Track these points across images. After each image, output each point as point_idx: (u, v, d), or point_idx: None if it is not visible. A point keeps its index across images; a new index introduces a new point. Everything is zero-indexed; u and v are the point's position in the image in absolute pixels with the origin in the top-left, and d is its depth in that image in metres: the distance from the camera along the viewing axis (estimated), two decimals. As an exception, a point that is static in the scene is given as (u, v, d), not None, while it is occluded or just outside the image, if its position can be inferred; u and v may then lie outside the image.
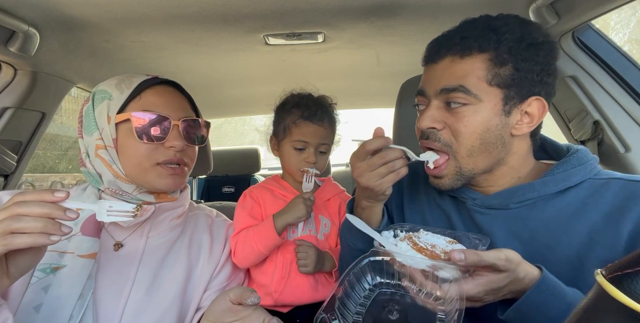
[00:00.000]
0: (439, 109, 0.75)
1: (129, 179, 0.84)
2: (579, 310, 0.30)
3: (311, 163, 1.09)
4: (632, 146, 1.12)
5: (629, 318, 0.25)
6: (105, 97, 0.84)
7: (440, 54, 0.74)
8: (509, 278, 0.60)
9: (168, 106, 0.86)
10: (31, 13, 1.03)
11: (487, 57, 0.70)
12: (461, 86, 0.71)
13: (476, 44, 0.71)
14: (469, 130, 0.72)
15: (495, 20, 0.73)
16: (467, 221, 0.81)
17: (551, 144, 0.84)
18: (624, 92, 1.15)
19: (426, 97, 0.77)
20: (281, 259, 1.07)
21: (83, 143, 0.86)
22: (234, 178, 3.01)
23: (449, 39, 0.74)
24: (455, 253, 0.58)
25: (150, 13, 1.06)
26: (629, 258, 0.28)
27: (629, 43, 2.09)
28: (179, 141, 0.85)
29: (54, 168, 3.25)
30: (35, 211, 0.58)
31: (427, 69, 0.79)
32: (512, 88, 0.71)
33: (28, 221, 0.57)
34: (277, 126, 1.16)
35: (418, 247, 0.64)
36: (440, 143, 0.75)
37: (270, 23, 1.19)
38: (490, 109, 0.71)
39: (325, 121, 1.11)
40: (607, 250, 0.66)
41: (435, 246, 0.64)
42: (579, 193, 0.72)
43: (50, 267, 0.76)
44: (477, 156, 0.74)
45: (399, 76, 1.53)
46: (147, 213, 0.86)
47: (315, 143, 1.10)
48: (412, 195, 0.94)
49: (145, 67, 1.56)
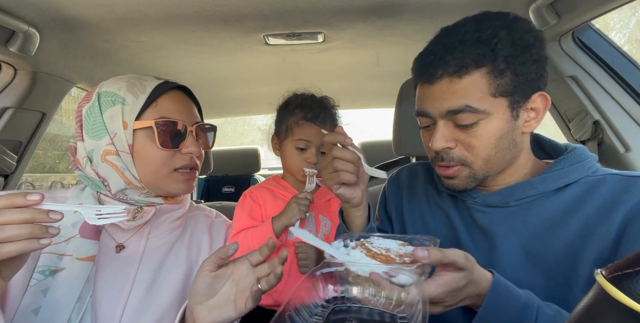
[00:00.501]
0: (448, 127, 0.73)
1: (142, 185, 0.83)
2: (579, 310, 0.30)
3: (312, 163, 1.10)
4: (632, 146, 1.12)
5: (629, 318, 0.25)
6: (118, 101, 0.82)
7: (436, 75, 0.71)
8: (467, 279, 0.59)
9: (182, 111, 0.87)
10: (31, 13, 1.03)
11: (485, 71, 0.69)
12: (467, 106, 0.69)
13: (471, 62, 0.68)
14: (483, 143, 0.71)
15: (481, 32, 0.69)
16: (466, 220, 0.81)
17: (549, 143, 0.84)
18: (624, 92, 1.15)
19: (430, 118, 0.75)
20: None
21: (83, 145, 0.83)
22: (234, 178, 3.01)
23: (440, 58, 0.71)
24: (419, 250, 0.57)
25: (150, 13, 1.06)
26: (629, 258, 0.28)
27: (629, 43, 2.09)
28: (196, 146, 0.86)
29: (54, 168, 3.24)
30: (16, 219, 0.56)
31: (423, 89, 0.75)
32: (516, 93, 0.70)
33: (12, 229, 0.55)
34: (280, 125, 1.16)
35: (372, 253, 0.61)
36: (455, 161, 0.74)
37: (270, 23, 1.19)
38: (500, 118, 0.70)
39: (328, 123, 1.12)
40: (599, 242, 0.67)
41: (389, 250, 0.61)
42: (576, 189, 0.72)
43: (49, 270, 0.76)
44: (493, 162, 0.74)
45: (399, 76, 1.53)
46: (147, 215, 0.86)
47: (317, 143, 1.10)
48: (410, 195, 0.94)
49: (145, 67, 1.56)
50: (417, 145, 1.27)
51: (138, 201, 0.86)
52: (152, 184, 0.84)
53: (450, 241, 0.83)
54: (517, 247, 0.73)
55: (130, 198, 0.85)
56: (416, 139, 1.27)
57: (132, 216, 0.85)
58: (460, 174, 0.76)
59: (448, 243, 0.83)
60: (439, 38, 0.75)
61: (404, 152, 1.32)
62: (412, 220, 0.91)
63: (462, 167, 0.75)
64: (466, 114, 0.69)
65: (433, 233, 0.86)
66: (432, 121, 0.76)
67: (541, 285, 0.71)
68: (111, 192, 0.83)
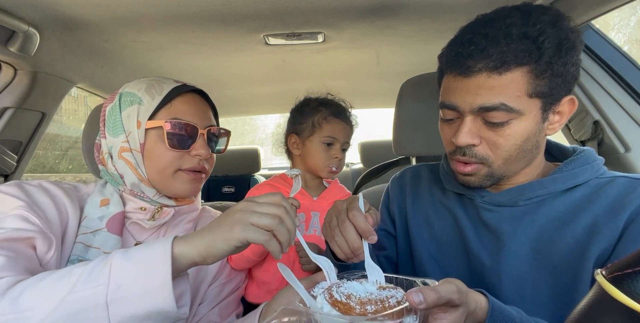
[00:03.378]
0: (476, 123, 0.70)
1: (150, 183, 0.85)
2: (579, 310, 0.30)
3: (338, 158, 1.15)
4: (632, 146, 1.12)
5: (629, 318, 0.25)
6: (135, 101, 0.84)
7: (474, 68, 0.67)
8: (465, 314, 0.54)
9: (195, 114, 0.87)
10: (31, 13, 1.03)
11: (526, 70, 0.65)
12: (502, 104, 0.66)
13: (515, 58, 0.65)
14: (509, 143, 0.70)
15: (528, 27, 0.65)
16: (473, 219, 0.81)
17: (556, 147, 0.85)
18: (624, 92, 1.15)
19: (457, 111, 0.72)
20: (284, 257, 1.08)
21: (106, 143, 0.87)
22: (234, 178, 3.01)
23: (481, 50, 0.66)
24: (413, 295, 0.49)
25: (150, 13, 1.06)
26: (629, 258, 0.28)
27: (629, 43, 2.09)
28: (205, 149, 0.86)
29: (54, 168, 3.23)
30: (273, 211, 0.61)
31: (455, 81, 0.71)
32: (551, 95, 0.68)
33: (268, 218, 0.60)
34: (301, 124, 1.18)
35: (333, 300, 0.54)
36: (476, 158, 0.72)
37: (270, 23, 1.19)
38: (531, 120, 0.69)
39: (351, 121, 1.20)
40: (605, 240, 0.67)
41: (350, 297, 0.53)
42: (585, 190, 0.73)
43: (78, 260, 0.77)
44: (513, 163, 0.73)
45: (399, 76, 1.53)
46: (167, 216, 0.88)
47: (342, 140, 1.17)
48: (415, 196, 0.94)
49: (145, 67, 1.55)
50: (417, 145, 1.28)
51: (153, 201, 0.87)
52: (157, 182, 0.85)
53: (456, 240, 0.83)
54: (524, 246, 0.74)
55: (146, 195, 0.86)
56: (416, 139, 1.27)
57: (152, 216, 0.87)
58: (479, 173, 0.74)
59: (454, 242, 0.83)
60: (479, 27, 0.69)
61: (404, 152, 1.32)
62: (415, 219, 0.91)
63: (481, 165, 0.73)
64: (500, 112, 0.67)
65: (438, 232, 0.86)
66: (457, 115, 0.73)
67: (548, 283, 0.71)
68: (127, 187, 0.85)
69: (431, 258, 0.86)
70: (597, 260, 0.67)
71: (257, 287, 1.09)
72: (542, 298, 0.71)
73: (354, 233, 0.65)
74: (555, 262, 0.70)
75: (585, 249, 0.68)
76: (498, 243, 0.76)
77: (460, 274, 0.81)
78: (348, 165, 3.46)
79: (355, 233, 0.65)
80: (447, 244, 0.84)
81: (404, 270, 0.93)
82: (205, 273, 0.93)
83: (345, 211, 0.68)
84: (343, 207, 0.69)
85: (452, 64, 0.71)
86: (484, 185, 0.76)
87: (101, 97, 1.77)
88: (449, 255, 0.84)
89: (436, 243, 0.86)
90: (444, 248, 0.85)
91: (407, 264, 0.92)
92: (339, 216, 0.68)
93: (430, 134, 1.24)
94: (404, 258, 0.93)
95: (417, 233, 0.89)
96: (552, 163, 0.82)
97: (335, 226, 0.68)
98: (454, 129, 0.74)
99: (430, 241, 0.87)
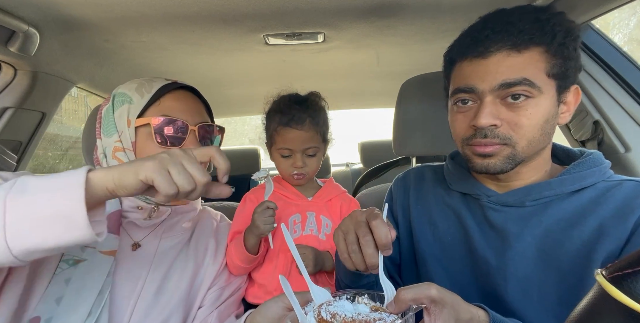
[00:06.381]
0: (495, 104, 0.71)
1: None
2: (579, 310, 0.30)
3: (299, 167, 1.09)
4: (632, 146, 1.12)
5: (629, 318, 0.25)
6: (126, 101, 0.85)
7: (491, 48, 0.70)
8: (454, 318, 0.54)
9: (186, 111, 0.87)
10: (31, 13, 1.03)
11: (542, 50, 0.69)
12: (525, 79, 0.68)
13: (533, 37, 0.68)
14: (532, 123, 0.70)
15: (539, 13, 0.71)
16: (479, 218, 0.81)
17: (562, 150, 0.85)
18: (624, 92, 1.15)
19: (475, 94, 0.72)
20: (282, 258, 1.08)
21: (101, 143, 0.87)
22: (233, 178, 2.97)
23: (498, 32, 0.69)
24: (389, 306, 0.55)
25: (150, 13, 1.06)
26: (629, 258, 0.28)
27: (629, 43, 2.09)
28: (195, 146, 0.86)
29: (54, 168, 3.22)
30: None
31: (472, 64, 0.72)
32: (564, 77, 0.71)
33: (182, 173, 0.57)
34: (266, 133, 1.17)
35: (319, 318, 0.56)
36: (499, 138, 0.71)
37: (270, 23, 1.19)
38: (550, 100, 0.71)
39: (306, 124, 1.07)
40: (613, 243, 0.67)
41: (335, 316, 0.55)
42: (592, 193, 0.73)
43: (73, 259, 0.77)
44: (535, 145, 0.73)
45: (399, 75, 1.53)
46: (163, 215, 0.88)
47: (299, 149, 1.08)
48: (418, 196, 0.94)
49: (145, 67, 1.55)
50: (417, 145, 1.28)
51: (149, 199, 0.87)
52: None
53: (460, 241, 0.82)
54: (531, 246, 0.74)
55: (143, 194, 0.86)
56: (416, 139, 1.27)
57: (148, 215, 0.87)
58: (501, 153, 0.73)
59: (458, 242, 0.83)
60: (491, 16, 0.74)
61: (404, 152, 1.32)
62: (419, 220, 0.90)
63: (505, 146, 0.72)
64: (522, 86, 0.68)
65: (441, 232, 0.86)
66: (474, 98, 0.74)
67: (553, 284, 0.71)
68: None
69: (435, 259, 0.86)
70: (603, 262, 0.67)
71: (256, 288, 1.09)
72: (549, 299, 0.71)
73: (373, 248, 0.61)
74: (562, 264, 0.70)
75: (592, 251, 0.68)
76: (504, 243, 0.75)
77: (463, 275, 0.81)
78: (348, 165, 3.46)
79: (374, 248, 0.61)
80: (451, 244, 0.84)
81: (407, 270, 0.93)
82: (203, 277, 0.93)
83: (366, 224, 0.62)
84: (362, 219, 0.63)
85: (468, 49, 0.73)
86: (505, 169, 0.73)
87: (101, 97, 1.77)
88: (452, 255, 0.84)
89: (440, 243, 0.86)
90: (447, 249, 0.84)
91: (410, 265, 0.92)
92: (359, 229, 0.62)
93: (430, 134, 1.24)
94: (407, 259, 0.93)
95: (420, 233, 0.89)
96: (560, 166, 0.82)
97: (353, 242, 0.63)
98: (470, 115, 0.74)
99: (434, 241, 0.87)
